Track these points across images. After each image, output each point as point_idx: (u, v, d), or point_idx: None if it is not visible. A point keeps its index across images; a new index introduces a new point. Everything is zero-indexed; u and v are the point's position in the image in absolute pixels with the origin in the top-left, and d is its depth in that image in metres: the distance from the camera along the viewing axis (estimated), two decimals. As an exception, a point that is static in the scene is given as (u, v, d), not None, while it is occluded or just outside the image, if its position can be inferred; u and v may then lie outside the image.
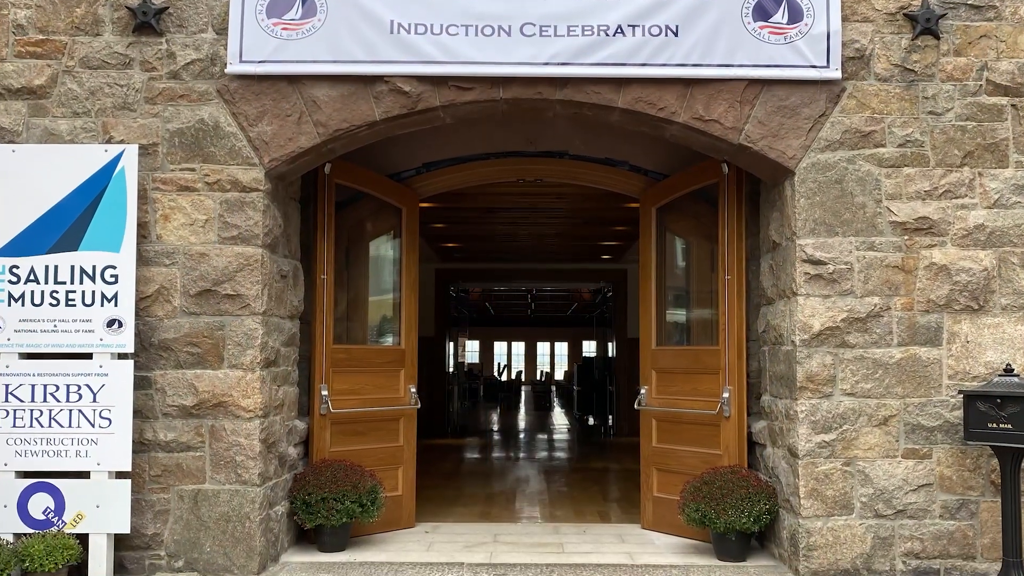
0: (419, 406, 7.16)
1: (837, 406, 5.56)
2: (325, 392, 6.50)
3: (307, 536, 6.30)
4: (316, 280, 6.54)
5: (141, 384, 5.56)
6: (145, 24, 5.64)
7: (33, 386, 5.36)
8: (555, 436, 16.34)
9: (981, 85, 5.67)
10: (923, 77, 5.68)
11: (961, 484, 5.54)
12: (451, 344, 17.77)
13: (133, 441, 5.42)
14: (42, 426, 5.35)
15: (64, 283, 5.41)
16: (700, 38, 5.64)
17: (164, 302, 5.60)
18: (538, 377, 37.91)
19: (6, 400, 5.34)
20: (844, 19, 5.66)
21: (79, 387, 5.36)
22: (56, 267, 5.41)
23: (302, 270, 6.38)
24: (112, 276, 5.42)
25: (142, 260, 5.58)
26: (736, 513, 5.76)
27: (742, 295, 6.42)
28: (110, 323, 5.39)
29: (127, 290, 5.41)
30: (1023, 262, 5.59)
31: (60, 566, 5.05)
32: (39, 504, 5.30)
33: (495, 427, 18.45)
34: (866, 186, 5.63)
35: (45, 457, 5.34)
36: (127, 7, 5.65)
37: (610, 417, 15.81)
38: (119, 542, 5.48)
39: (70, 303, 5.40)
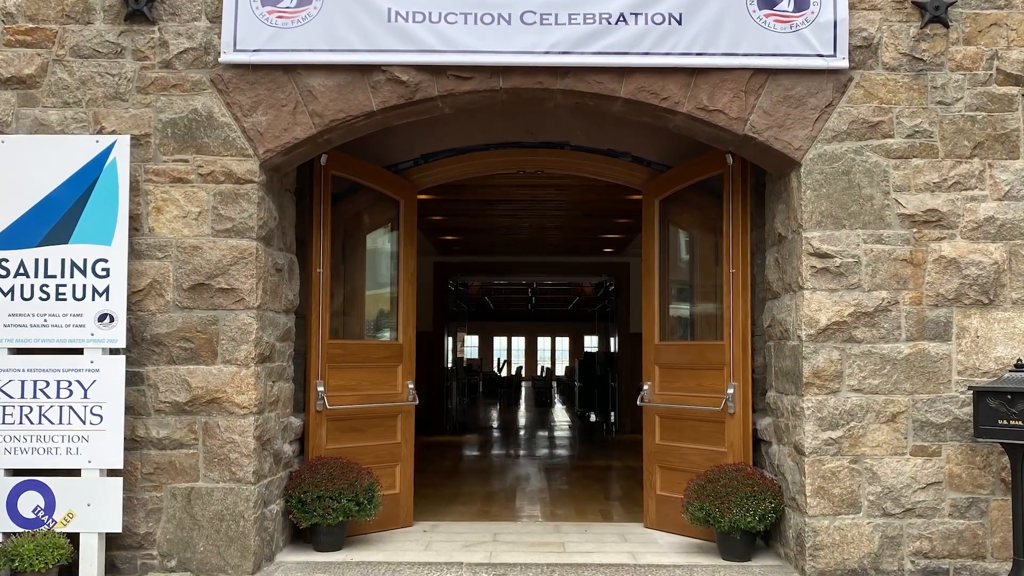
0: (417, 402, 7.06)
1: (844, 402, 5.45)
2: (321, 388, 6.40)
3: (303, 535, 6.21)
4: (312, 274, 6.43)
5: (133, 380, 5.45)
6: (137, 12, 5.53)
7: (23, 382, 5.26)
8: (556, 433, 16.25)
9: (991, 74, 5.56)
10: (932, 66, 5.57)
11: (971, 482, 5.43)
12: (450, 339, 17.66)
13: (125, 438, 5.32)
14: (32, 423, 5.25)
15: (54, 277, 5.31)
16: (704, 27, 5.54)
17: (156, 296, 5.49)
18: (539, 373, 37.83)
19: (-5, 396, 5.25)
20: (851, 7, 5.55)
21: (70, 383, 5.26)
22: (46, 260, 5.31)
23: (298, 263, 6.28)
24: (103, 270, 5.32)
25: (134, 253, 5.47)
26: (741, 512, 5.66)
27: (747, 289, 6.32)
28: (101, 318, 5.29)
29: (119, 284, 5.32)
30: (1034, 255, 5.50)
31: (50, 566, 4.96)
32: (29, 502, 5.21)
33: (495, 424, 18.37)
34: (874, 178, 5.53)
35: (35, 454, 5.24)
36: (118, -6, 5.55)
37: (612, 414, 15.71)
38: (110, 541, 5.39)
39: (60, 297, 5.30)
